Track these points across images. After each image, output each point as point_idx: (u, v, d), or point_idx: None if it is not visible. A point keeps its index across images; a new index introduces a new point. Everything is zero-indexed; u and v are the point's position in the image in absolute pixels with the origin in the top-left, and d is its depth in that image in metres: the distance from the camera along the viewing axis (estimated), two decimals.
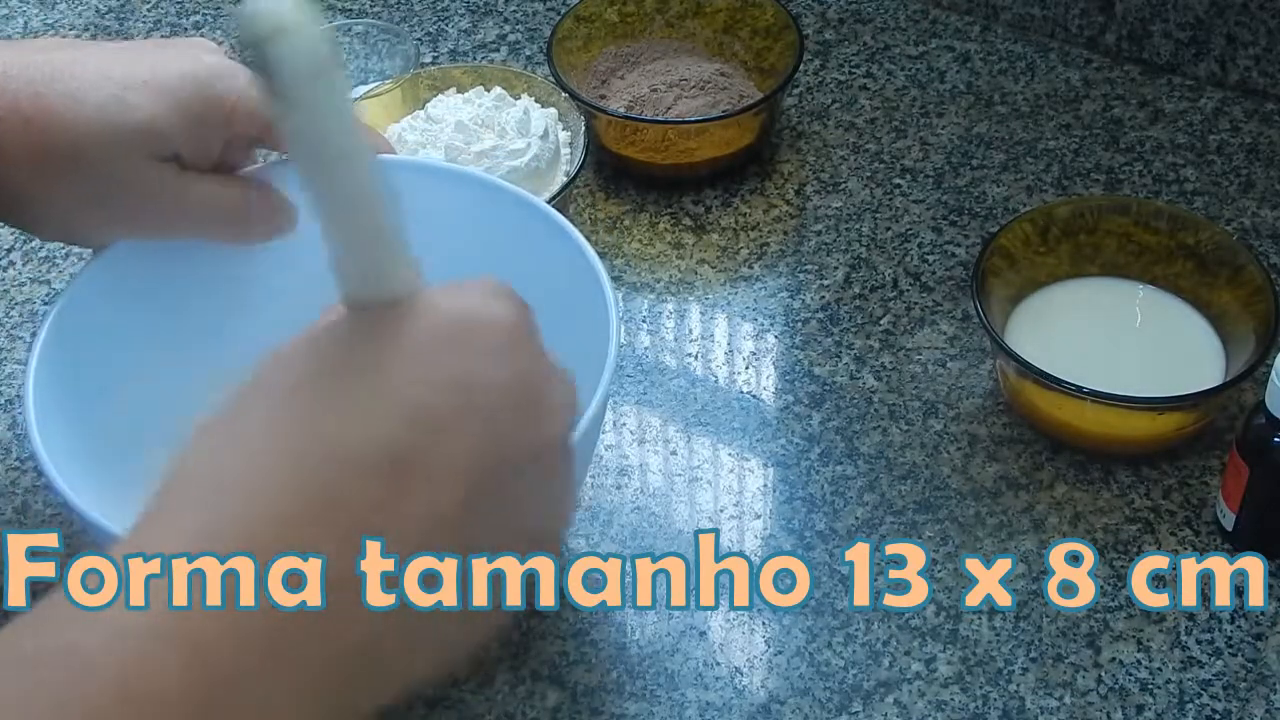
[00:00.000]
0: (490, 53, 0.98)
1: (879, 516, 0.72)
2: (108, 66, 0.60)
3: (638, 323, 0.82)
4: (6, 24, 1.02)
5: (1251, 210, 0.85)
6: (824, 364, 0.79)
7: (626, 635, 0.67)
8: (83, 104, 0.59)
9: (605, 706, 0.65)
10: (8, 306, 0.83)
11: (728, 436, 0.76)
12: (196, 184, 0.63)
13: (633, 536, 0.71)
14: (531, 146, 0.81)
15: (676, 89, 0.90)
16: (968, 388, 0.77)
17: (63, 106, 0.59)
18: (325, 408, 0.41)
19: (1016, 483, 0.73)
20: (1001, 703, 0.65)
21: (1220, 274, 0.76)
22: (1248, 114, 0.91)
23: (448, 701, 0.65)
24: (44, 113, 0.59)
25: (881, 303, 0.82)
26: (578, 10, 0.92)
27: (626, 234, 0.86)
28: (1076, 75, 0.95)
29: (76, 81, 0.59)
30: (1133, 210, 0.79)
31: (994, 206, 0.87)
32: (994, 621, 0.68)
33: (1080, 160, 0.89)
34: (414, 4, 1.02)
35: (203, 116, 0.61)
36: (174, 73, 0.61)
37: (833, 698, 0.65)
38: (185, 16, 1.02)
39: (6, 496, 0.74)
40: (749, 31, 0.93)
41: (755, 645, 0.67)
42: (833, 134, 0.92)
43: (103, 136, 0.59)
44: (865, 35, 0.98)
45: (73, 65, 0.60)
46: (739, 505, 0.73)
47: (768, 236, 0.86)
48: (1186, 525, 0.71)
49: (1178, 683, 0.65)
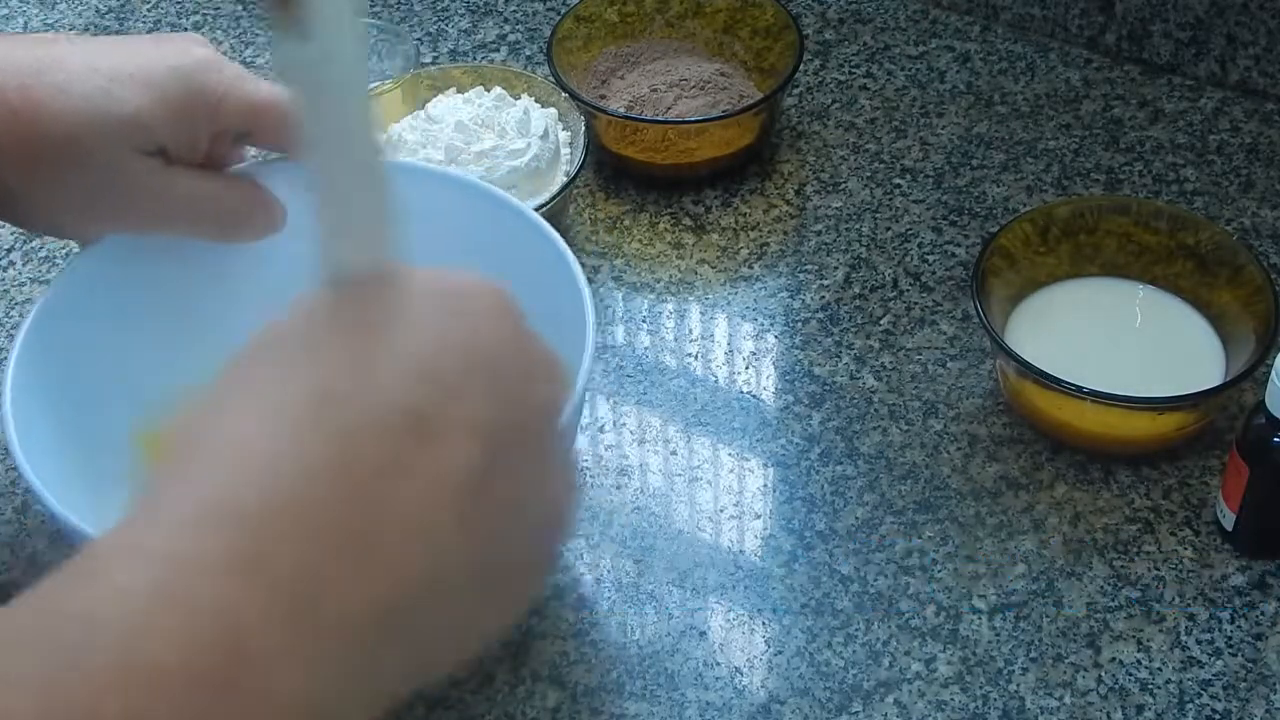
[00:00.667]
0: (490, 53, 0.98)
1: (879, 516, 0.72)
2: (95, 59, 0.60)
3: (638, 323, 0.82)
4: (6, 24, 1.02)
5: (1251, 210, 0.85)
6: (824, 364, 0.79)
7: (626, 635, 0.67)
8: (69, 96, 0.59)
9: (605, 706, 0.65)
10: (8, 306, 0.83)
11: (728, 436, 0.76)
12: (182, 178, 0.63)
13: (633, 536, 0.71)
14: (531, 146, 0.81)
15: (676, 89, 0.90)
16: (968, 388, 0.77)
17: (49, 98, 0.59)
18: (335, 370, 0.40)
19: (1016, 483, 0.73)
20: (1001, 703, 0.65)
21: (1220, 274, 0.76)
22: (1248, 114, 0.91)
23: (448, 701, 0.65)
24: (31, 104, 0.59)
25: (881, 303, 0.82)
26: (578, 10, 0.92)
27: (626, 234, 0.86)
28: (1076, 75, 0.95)
29: (64, 74, 0.59)
30: (1133, 210, 0.79)
31: (994, 206, 0.87)
32: (994, 621, 0.68)
33: (1080, 160, 0.89)
34: (414, 4, 1.02)
35: (189, 110, 0.61)
36: (161, 66, 0.61)
37: (833, 698, 0.65)
38: (185, 16, 1.02)
39: (6, 497, 0.74)
40: (749, 31, 0.93)
41: (755, 645, 0.67)
42: (833, 134, 0.92)
43: (89, 128, 0.59)
44: (865, 35, 0.98)
45: (60, 58, 0.60)
46: (739, 505, 0.73)
47: (768, 236, 0.86)
48: (1186, 525, 0.71)
49: (1178, 683, 0.65)
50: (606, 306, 0.82)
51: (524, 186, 0.81)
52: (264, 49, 0.99)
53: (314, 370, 0.40)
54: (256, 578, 0.37)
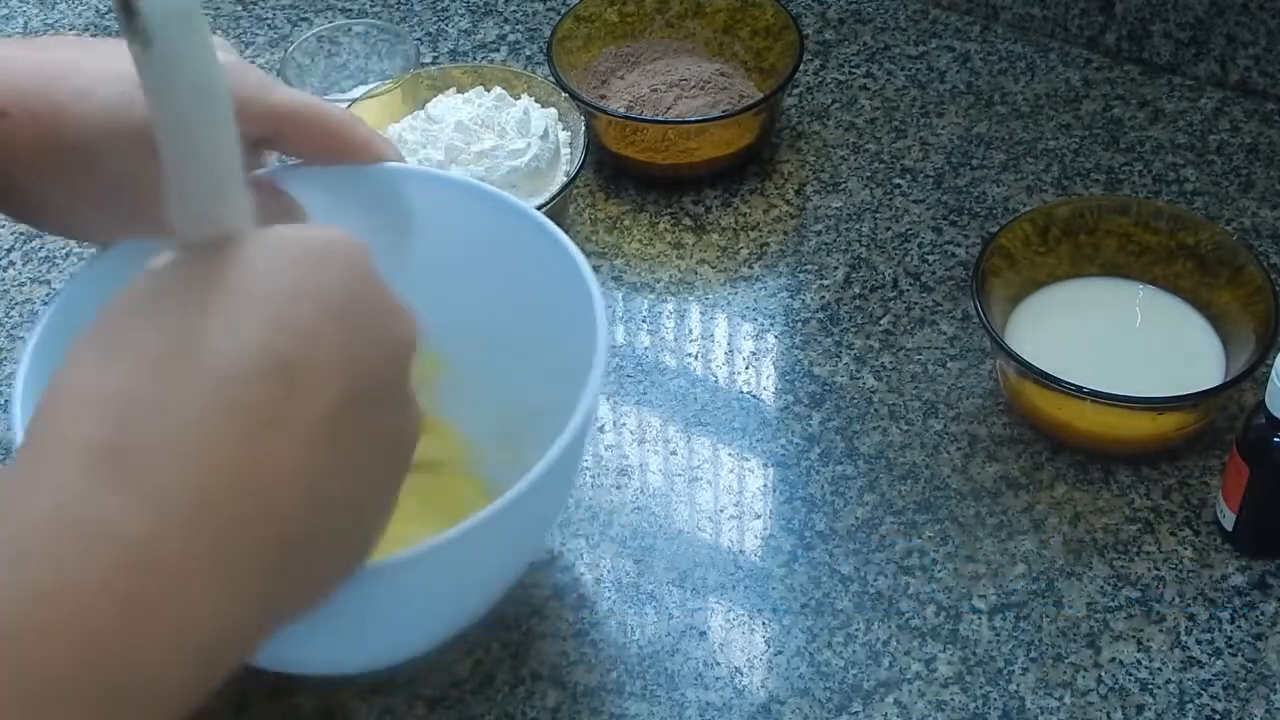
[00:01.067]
0: (490, 53, 0.98)
1: (879, 516, 0.72)
2: (115, 64, 0.60)
3: (638, 323, 0.82)
4: (6, 24, 1.03)
5: (1251, 210, 0.85)
6: (824, 364, 0.79)
7: (626, 635, 0.67)
8: (90, 100, 0.59)
9: (605, 706, 0.65)
10: (8, 306, 0.83)
11: (728, 436, 0.76)
12: None
13: (633, 536, 0.71)
14: (531, 146, 0.81)
15: (676, 89, 0.90)
16: (968, 388, 0.77)
17: (70, 102, 0.59)
18: (195, 323, 0.43)
19: (1016, 483, 0.73)
20: (1001, 703, 0.65)
21: (1220, 274, 0.76)
22: (1248, 114, 0.91)
23: (448, 701, 0.65)
24: (52, 109, 0.58)
25: (881, 303, 0.82)
26: (578, 10, 0.92)
27: (626, 234, 0.86)
28: (1076, 75, 0.95)
29: (84, 78, 0.59)
30: (1133, 210, 0.79)
31: (994, 206, 0.87)
32: (994, 621, 0.68)
33: (1080, 160, 0.89)
34: (414, 4, 1.02)
35: None
36: None
37: (833, 698, 0.65)
38: None
39: None
40: (749, 31, 0.93)
41: (755, 645, 0.67)
42: (833, 134, 0.92)
43: (108, 134, 0.59)
44: (865, 35, 0.98)
45: (80, 62, 0.60)
46: (739, 505, 0.73)
47: (768, 236, 0.86)
48: (1186, 525, 0.71)
49: (1178, 683, 0.65)
50: (607, 306, 0.82)
51: (524, 186, 0.81)
52: (264, 49, 1.00)
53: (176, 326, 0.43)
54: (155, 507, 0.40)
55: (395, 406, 0.48)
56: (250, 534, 0.42)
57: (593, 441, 0.75)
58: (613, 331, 0.81)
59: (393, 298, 0.48)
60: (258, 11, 1.03)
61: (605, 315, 0.61)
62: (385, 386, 0.47)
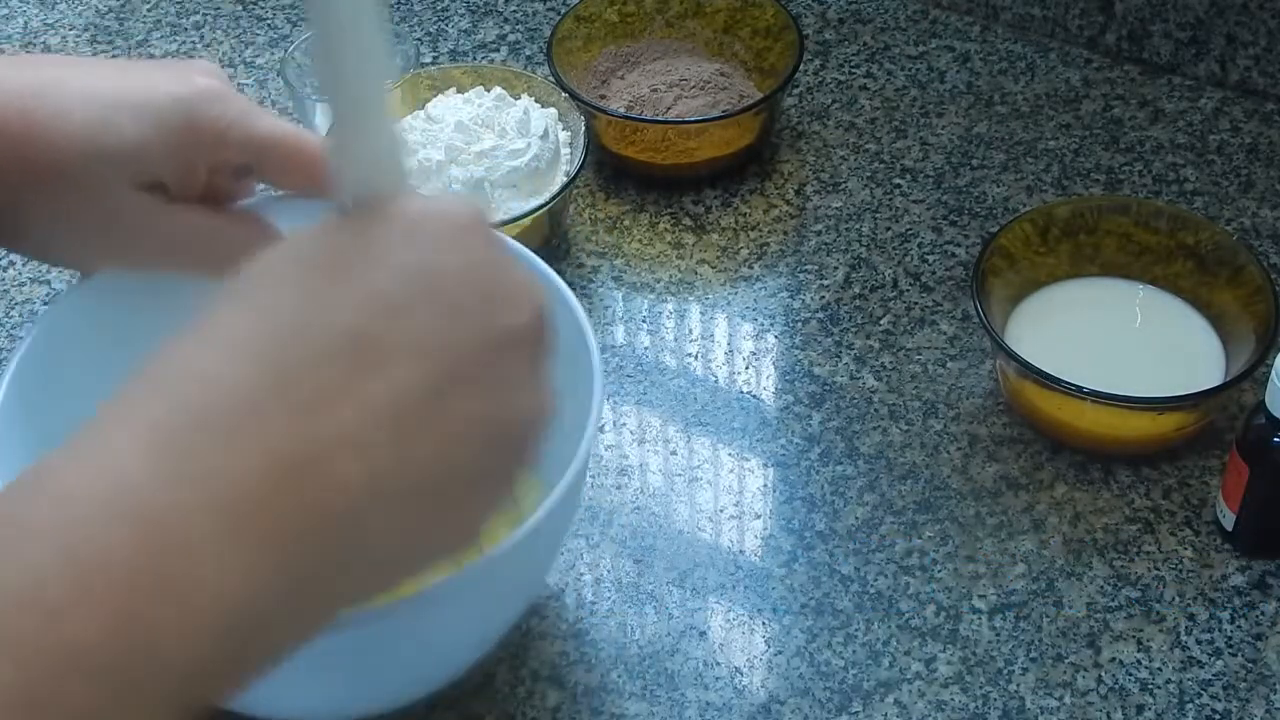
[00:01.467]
0: (490, 53, 0.98)
1: (879, 516, 0.72)
2: (96, 85, 0.59)
3: (638, 323, 0.82)
4: (6, 24, 1.02)
5: (1251, 210, 0.85)
6: (824, 364, 0.79)
7: (626, 635, 0.67)
8: (68, 121, 0.57)
9: (605, 706, 0.65)
10: (8, 306, 0.84)
11: (728, 436, 0.76)
12: (183, 214, 0.61)
13: (633, 536, 0.71)
14: (531, 146, 0.81)
15: (676, 89, 0.90)
16: (968, 388, 0.77)
17: (48, 123, 0.57)
18: (285, 300, 0.43)
19: (1016, 483, 0.73)
20: (1001, 703, 0.65)
21: (1220, 274, 0.76)
22: (1248, 114, 0.91)
23: (447, 701, 0.65)
24: (29, 129, 0.57)
25: (881, 303, 0.82)
26: (578, 10, 0.92)
27: (626, 234, 0.86)
28: (1076, 75, 0.95)
29: (64, 99, 0.58)
30: (1133, 210, 0.79)
31: (994, 206, 0.87)
32: (994, 621, 0.68)
33: (1080, 160, 0.89)
34: (414, 4, 1.02)
35: (189, 141, 0.59)
36: (163, 95, 0.59)
37: (833, 698, 0.65)
38: (185, 16, 1.02)
39: None
40: (749, 31, 0.93)
41: (755, 645, 0.67)
42: (833, 134, 0.92)
43: (83, 158, 0.57)
44: (865, 35, 0.98)
45: (61, 82, 0.58)
46: (739, 505, 0.73)
47: (768, 236, 0.86)
48: (1186, 525, 0.71)
49: (1178, 683, 0.65)
50: (606, 306, 0.82)
51: (524, 186, 0.81)
52: (264, 49, 1.00)
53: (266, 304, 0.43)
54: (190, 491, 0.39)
55: (497, 392, 0.45)
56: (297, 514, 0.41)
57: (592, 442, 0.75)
58: (613, 331, 0.81)
59: (511, 276, 0.46)
60: (258, 11, 1.03)
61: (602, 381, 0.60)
62: (486, 369, 0.44)
